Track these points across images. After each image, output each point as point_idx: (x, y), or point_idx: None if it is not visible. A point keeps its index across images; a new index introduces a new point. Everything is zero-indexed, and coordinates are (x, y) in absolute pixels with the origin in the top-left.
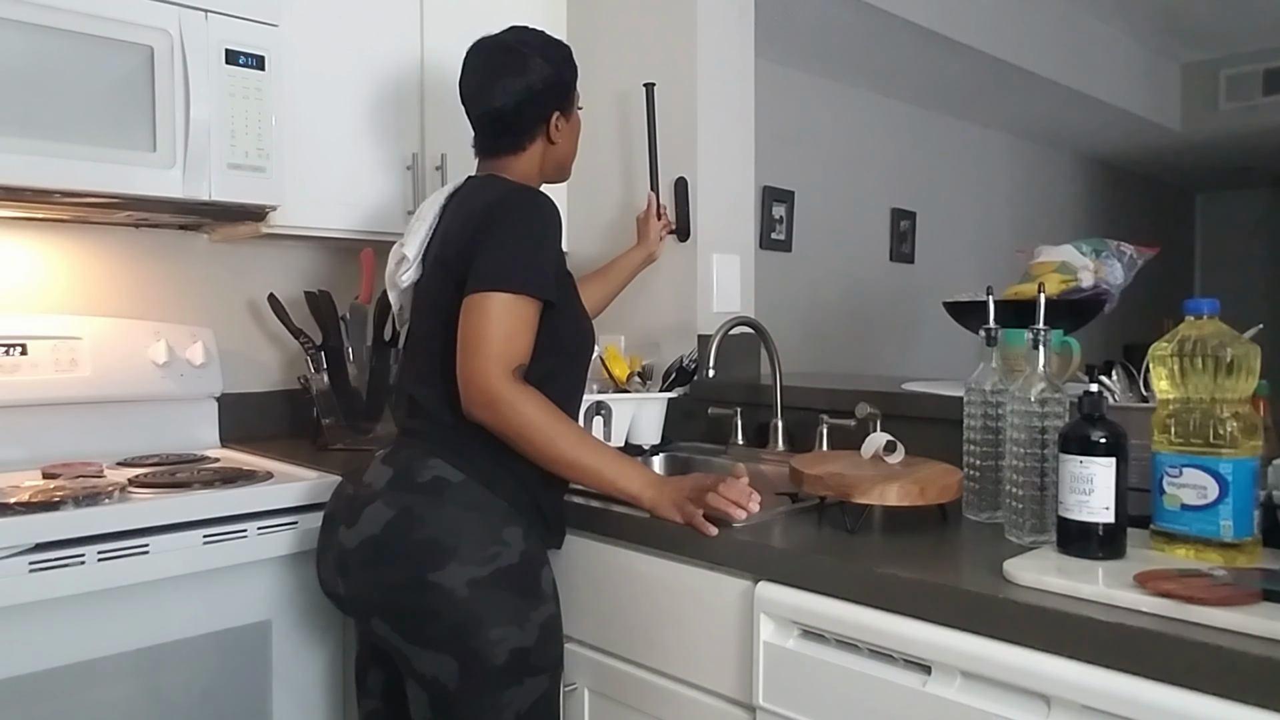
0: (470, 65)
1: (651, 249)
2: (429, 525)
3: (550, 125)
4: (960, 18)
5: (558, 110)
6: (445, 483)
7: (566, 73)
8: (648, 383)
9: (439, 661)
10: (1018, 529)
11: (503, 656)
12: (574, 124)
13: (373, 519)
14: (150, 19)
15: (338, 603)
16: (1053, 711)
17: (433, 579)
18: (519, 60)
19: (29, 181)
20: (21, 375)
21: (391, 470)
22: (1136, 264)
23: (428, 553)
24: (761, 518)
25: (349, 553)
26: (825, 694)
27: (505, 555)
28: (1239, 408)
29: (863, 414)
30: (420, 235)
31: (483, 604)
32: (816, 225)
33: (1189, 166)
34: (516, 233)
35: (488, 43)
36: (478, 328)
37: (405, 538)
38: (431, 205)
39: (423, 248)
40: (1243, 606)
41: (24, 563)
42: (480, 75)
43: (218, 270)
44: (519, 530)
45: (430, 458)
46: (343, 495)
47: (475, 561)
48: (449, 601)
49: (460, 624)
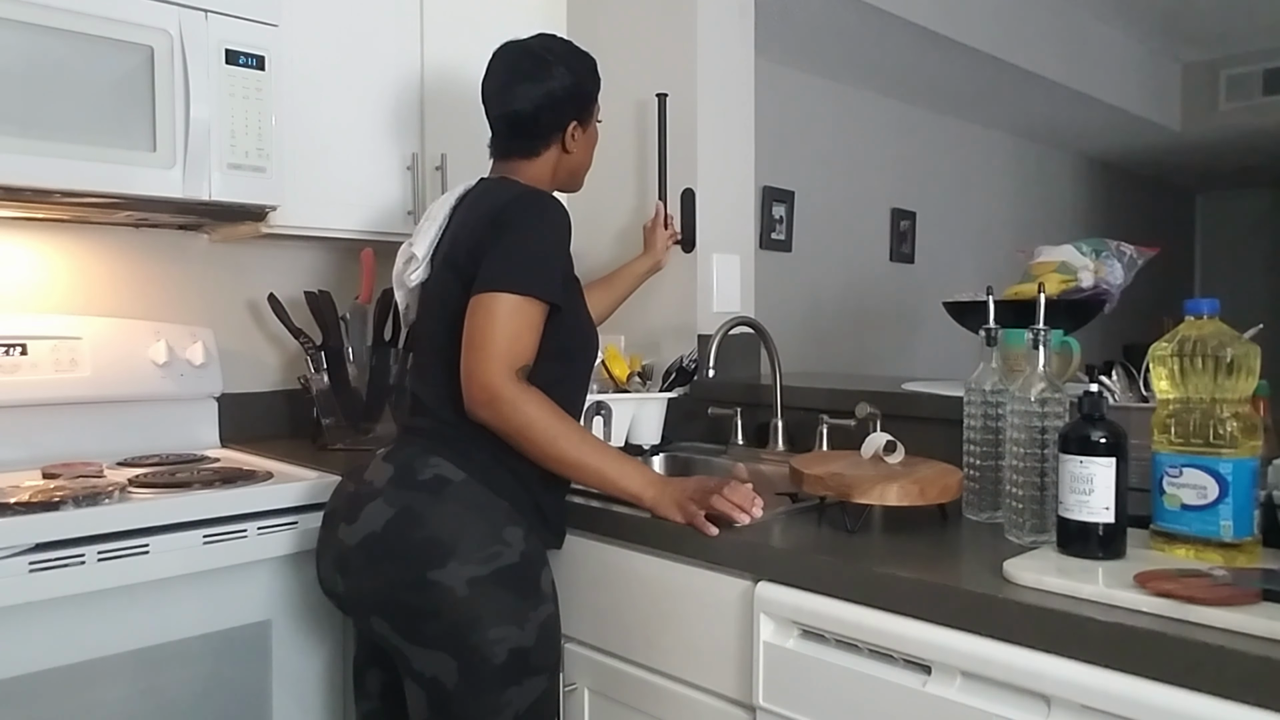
0: (493, 67)
1: (658, 258)
2: (430, 523)
3: (566, 134)
4: (960, 18)
5: (575, 120)
6: (446, 481)
7: (589, 83)
8: (648, 383)
9: (438, 660)
10: (1018, 529)
11: (502, 656)
12: (591, 135)
13: (373, 516)
14: (150, 19)
15: (337, 601)
16: (1053, 711)
17: (433, 577)
18: (542, 67)
19: (29, 181)
20: (21, 375)
21: (393, 468)
22: (1136, 264)
23: (428, 551)
24: (762, 518)
25: (349, 550)
26: (825, 694)
27: (506, 555)
28: (1239, 408)
29: (863, 414)
30: (430, 235)
31: (483, 603)
32: (816, 225)
33: (1189, 166)
34: (526, 235)
35: (514, 46)
36: (483, 328)
37: (406, 536)
38: (442, 205)
39: (432, 247)
40: (1243, 606)
41: (24, 563)
42: (501, 78)
43: (218, 270)
44: (520, 530)
45: (432, 456)
46: (344, 493)
47: (476, 560)
48: (449, 600)
49: (460, 623)
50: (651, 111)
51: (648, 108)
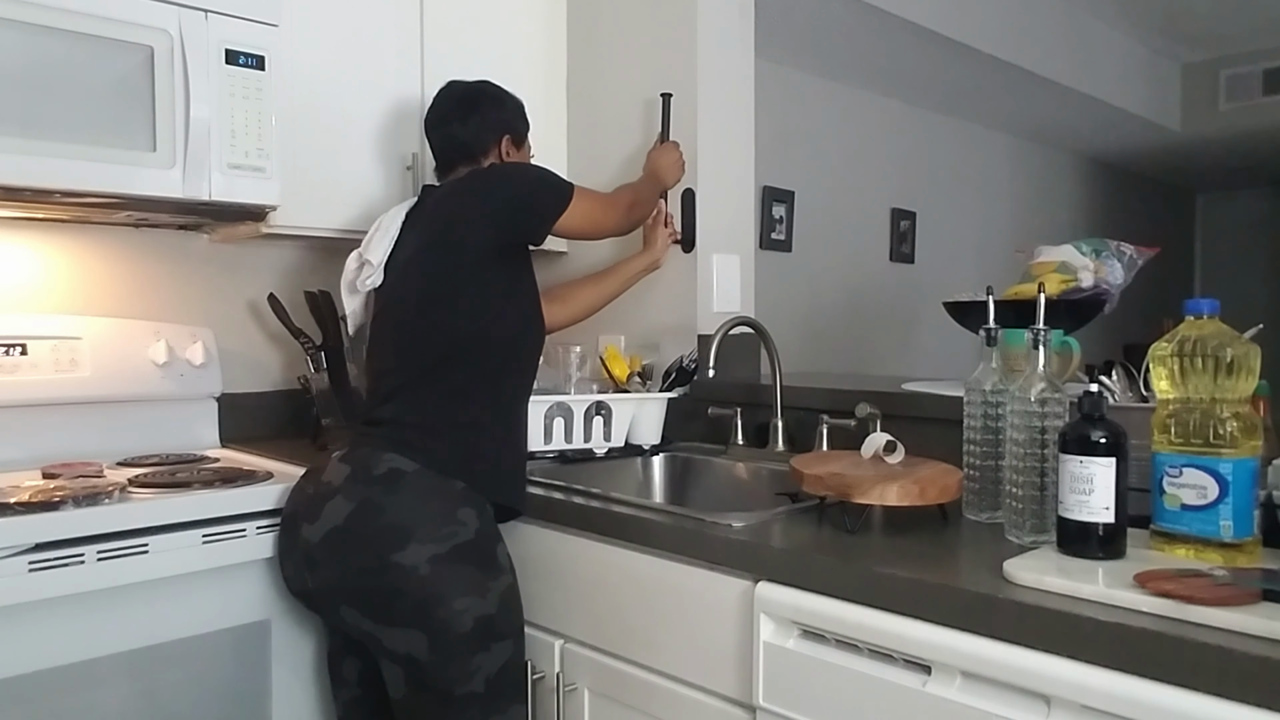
0: (435, 101)
1: (656, 256)
2: (388, 512)
3: (500, 145)
4: (960, 18)
5: (507, 134)
6: (401, 473)
7: (519, 122)
8: (648, 383)
9: (409, 637)
10: (1018, 529)
11: (468, 624)
12: (523, 155)
13: (334, 512)
14: (150, 19)
15: (305, 600)
16: (1053, 711)
17: (395, 559)
18: (473, 98)
19: (29, 181)
20: (21, 375)
21: (349, 467)
22: (1136, 264)
23: (388, 536)
24: (762, 517)
25: (314, 546)
26: (825, 694)
27: (462, 533)
28: (1239, 408)
29: (863, 414)
30: (384, 244)
31: (445, 578)
32: (816, 225)
33: (1189, 166)
34: (526, 171)
35: (452, 84)
36: (585, 221)
37: (367, 525)
38: (394, 217)
39: (386, 255)
40: (1243, 606)
41: (24, 562)
42: (439, 109)
43: (218, 270)
44: (473, 510)
45: (385, 453)
46: (303, 495)
47: (434, 540)
48: (413, 578)
49: (425, 599)
50: (651, 111)
51: (648, 108)
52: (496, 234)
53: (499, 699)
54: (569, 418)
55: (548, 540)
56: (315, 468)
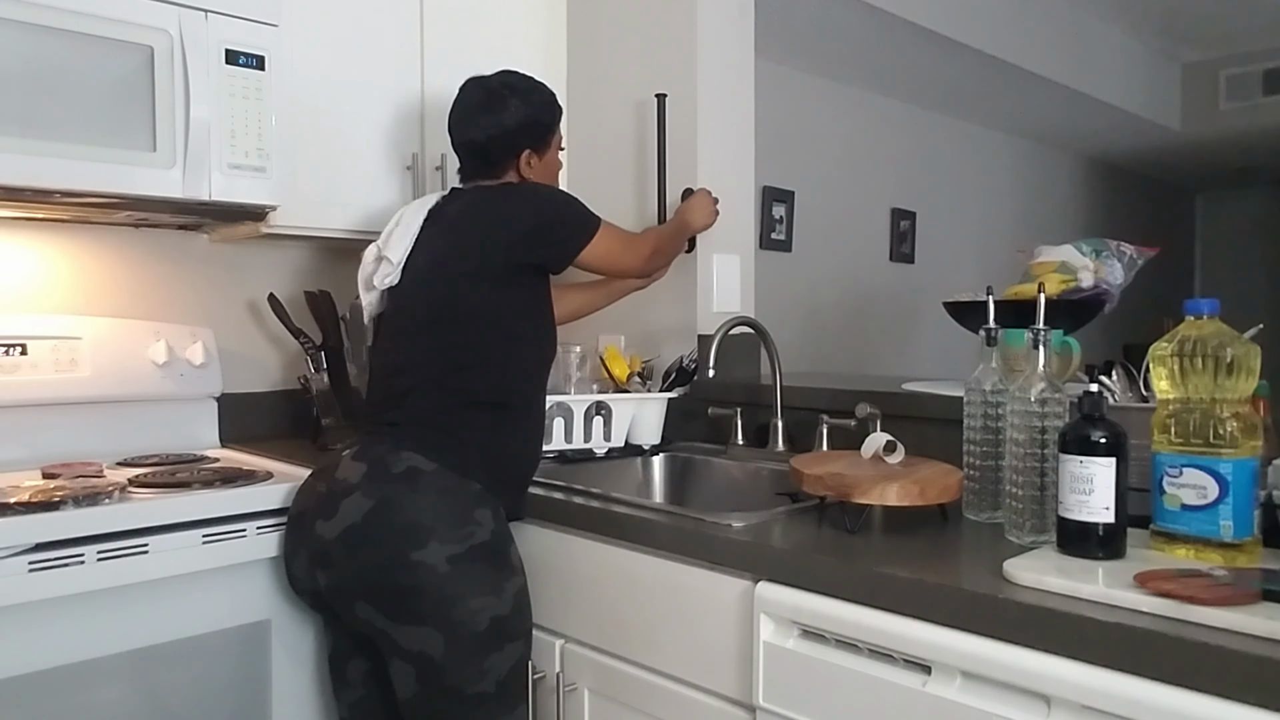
0: (457, 100)
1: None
2: (407, 510)
3: (521, 161)
4: (961, 18)
5: (529, 148)
6: (419, 472)
7: (545, 116)
8: (648, 383)
9: (424, 635)
10: (1018, 529)
11: (484, 624)
12: (548, 163)
13: (352, 509)
14: (150, 19)
15: (314, 598)
16: (1053, 711)
17: (416, 557)
18: (497, 100)
19: (29, 181)
20: (21, 375)
21: (365, 465)
22: (1136, 264)
23: (409, 534)
24: (762, 517)
25: (329, 544)
26: (825, 694)
27: (479, 533)
28: (1239, 408)
29: (863, 414)
30: (405, 243)
31: (463, 577)
32: (816, 225)
33: (1189, 166)
34: (554, 199)
35: (474, 82)
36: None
37: (386, 523)
38: (416, 214)
39: (405, 255)
40: (1242, 606)
41: (24, 562)
42: (460, 109)
43: (218, 270)
44: (488, 511)
45: (402, 451)
46: (314, 492)
47: (453, 539)
48: (432, 577)
49: (443, 598)
50: (651, 111)
51: (648, 108)
52: (518, 259)
53: (507, 699)
54: (569, 418)
55: (548, 540)
56: (326, 466)
